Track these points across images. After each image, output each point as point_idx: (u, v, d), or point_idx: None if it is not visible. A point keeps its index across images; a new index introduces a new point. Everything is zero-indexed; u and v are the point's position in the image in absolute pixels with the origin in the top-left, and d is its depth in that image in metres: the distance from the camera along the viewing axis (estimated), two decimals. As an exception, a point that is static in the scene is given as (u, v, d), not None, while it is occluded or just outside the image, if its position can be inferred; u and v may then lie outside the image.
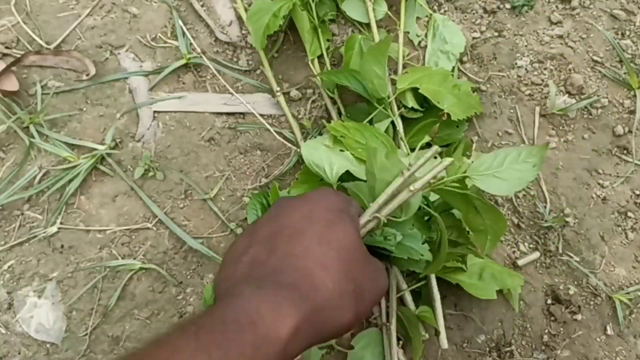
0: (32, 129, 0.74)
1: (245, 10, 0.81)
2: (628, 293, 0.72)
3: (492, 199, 0.76)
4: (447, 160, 0.51)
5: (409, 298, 0.69)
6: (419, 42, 0.83)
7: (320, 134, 0.76)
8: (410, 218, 0.55)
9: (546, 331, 0.72)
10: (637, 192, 0.77)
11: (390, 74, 0.75)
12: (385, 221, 0.52)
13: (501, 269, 0.69)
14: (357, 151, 0.68)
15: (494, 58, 0.82)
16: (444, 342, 0.65)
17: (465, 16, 0.85)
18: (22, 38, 0.78)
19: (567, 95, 0.80)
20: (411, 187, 0.51)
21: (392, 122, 0.73)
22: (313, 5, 0.77)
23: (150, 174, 0.75)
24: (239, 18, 0.82)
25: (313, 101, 0.80)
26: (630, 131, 0.79)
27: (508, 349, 0.71)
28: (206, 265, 0.74)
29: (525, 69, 0.82)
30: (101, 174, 0.75)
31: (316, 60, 0.79)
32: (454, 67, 0.80)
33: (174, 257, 0.73)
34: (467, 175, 0.53)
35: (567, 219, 0.75)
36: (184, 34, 0.80)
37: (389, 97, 0.72)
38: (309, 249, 0.44)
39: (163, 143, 0.77)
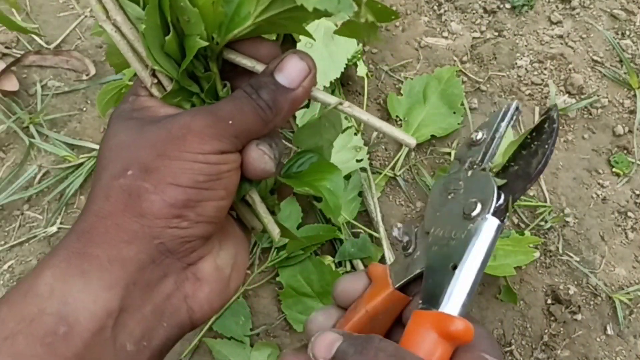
0: (32, 129, 0.74)
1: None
2: (628, 293, 0.72)
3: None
4: None
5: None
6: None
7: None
8: None
9: (546, 331, 0.72)
10: (637, 192, 0.77)
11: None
12: None
13: (513, 247, 0.69)
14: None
15: (494, 58, 0.82)
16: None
17: (465, 16, 0.84)
18: (22, 38, 0.78)
19: (567, 95, 0.80)
20: None
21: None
22: None
23: (150, 174, 0.75)
24: (239, 18, 0.82)
25: (313, 101, 0.80)
26: (630, 131, 0.79)
27: (508, 349, 0.71)
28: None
29: (525, 69, 0.81)
30: (101, 174, 0.75)
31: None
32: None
33: (174, 257, 0.73)
34: None
35: (567, 219, 0.75)
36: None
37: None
38: None
39: (163, 143, 0.77)
